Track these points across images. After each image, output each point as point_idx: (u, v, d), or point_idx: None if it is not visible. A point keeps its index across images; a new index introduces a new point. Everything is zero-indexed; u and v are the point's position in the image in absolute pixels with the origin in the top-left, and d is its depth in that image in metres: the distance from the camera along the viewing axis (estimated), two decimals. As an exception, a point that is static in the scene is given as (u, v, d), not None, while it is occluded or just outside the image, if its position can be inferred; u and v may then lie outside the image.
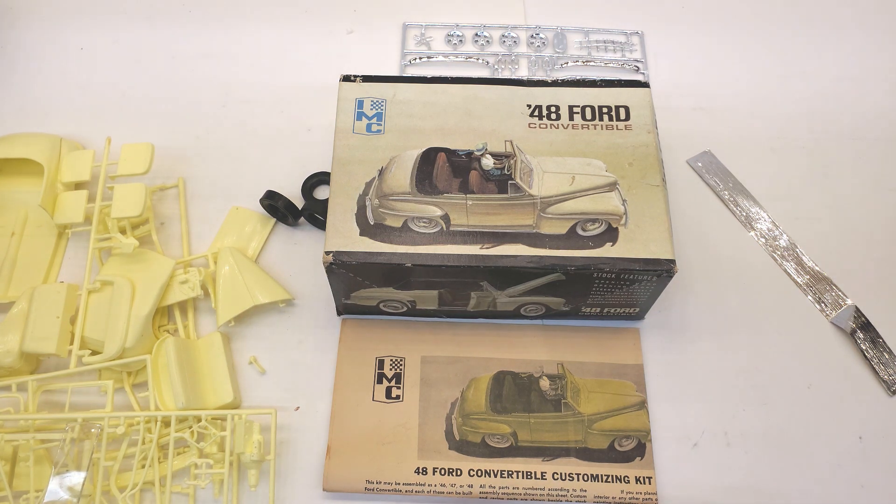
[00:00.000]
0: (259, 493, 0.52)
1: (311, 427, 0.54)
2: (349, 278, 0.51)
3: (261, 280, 0.57)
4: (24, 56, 0.71)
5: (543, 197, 0.52)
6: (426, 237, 0.50)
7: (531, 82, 0.57)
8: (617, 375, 0.55)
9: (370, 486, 0.51)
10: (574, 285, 0.52)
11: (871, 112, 0.68)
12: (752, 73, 0.71)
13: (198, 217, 0.62)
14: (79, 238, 0.61)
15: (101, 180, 0.59)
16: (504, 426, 0.54)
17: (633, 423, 0.54)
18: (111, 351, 0.53)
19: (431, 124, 0.54)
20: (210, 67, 0.70)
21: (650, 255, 0.50)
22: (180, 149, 0.65)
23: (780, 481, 0.53)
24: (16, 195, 0.62)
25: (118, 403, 0.54)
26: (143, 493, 0.51)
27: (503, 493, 0.52)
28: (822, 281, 0.60)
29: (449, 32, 0.73)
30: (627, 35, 0.73)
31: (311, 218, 0.61)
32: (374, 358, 0.56)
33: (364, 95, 0.56)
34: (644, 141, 0.54)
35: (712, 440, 0.54)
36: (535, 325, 0.58)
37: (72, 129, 0.66)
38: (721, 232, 0.62)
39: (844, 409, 0.55)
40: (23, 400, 0.53)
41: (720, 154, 0.66)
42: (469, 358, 0.56)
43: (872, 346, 0.57)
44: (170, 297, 0.56)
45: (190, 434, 0.51)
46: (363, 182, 0.52)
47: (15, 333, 0.53)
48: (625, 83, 0.56)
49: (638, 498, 0.52)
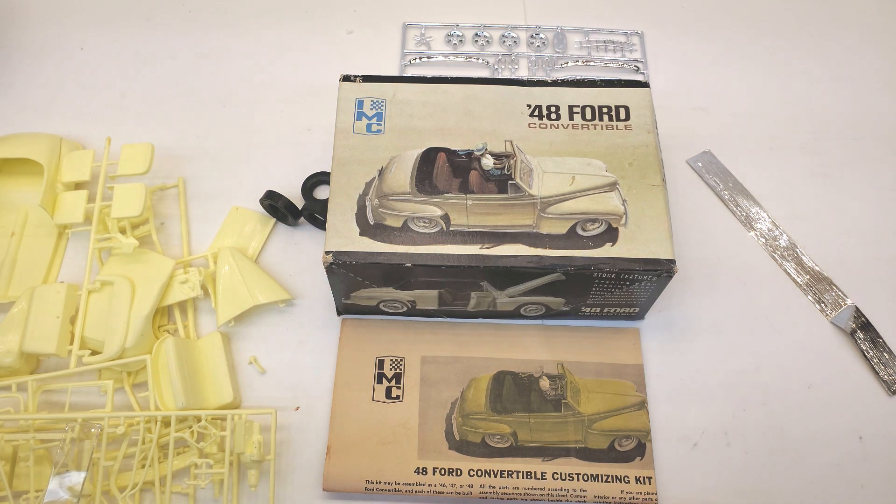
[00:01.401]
0: (259, 493, 0.52)
1: (311, 427, 0.54)
2: (349, 278, 0.51)
3: (261, 280, 0.57)
4: (24, 56, 0.71)
5: (543, 197, 0.52)
6: (426, 237, 0.50)
7: (531, 82, 0.57)
8: (617, 375, 0.55)
9: (370, 486, 0.51)
10: (574, 285, 0.52)
11: (871, 112, 0.68)
12: (752, 73, 0.71)
13: (198, 217, 0.63)
14: (79, 238, 0.61)
15: (101, 180, 0.59)
16: (504, 426, 0.54)
17: (633, 423, 0.54)
18: (111, 351, 0.53)
19: (431, 124, 0.54)
20: (210, 67, 0.70)
21: (650, 255, 0.50)
22: (180, 149, 0.65)
23: (780, 481, 0.53)
24: (16, 195, 0.62)
25: (118, 403, 0.54)
26: (143, 493, 0.51)
27: (503, 493, 0.52)
28: (822, 281, 0.60)
29: (449, 32, 0.73)
30: (627, 35, 0.73)
31: (311, 218, 0.61)
32: (374, 358, 0.56)
33: (364, 95, 0.56)
34: (644, 141, 0.54)
35: (712, 440, 0.54)
36: (535, 325, 0.58)
37: (72, 129, 0.66)
38: (721, 232, 0.62)
39: (844, 409, 0.55)
40: (23, 400, 0.53)
41: (720, 154, 0.66)
42: (469, 358, 0.56)
43: (872, 346, 0.57)
44: (170, 297, 0.56)
45: (190, 434, 0.51)
46: (363, 182, 0.52)
47: (15, 333, 0.53)
48: (625, 83, 0.56)
49: (638, 498, 0.52)
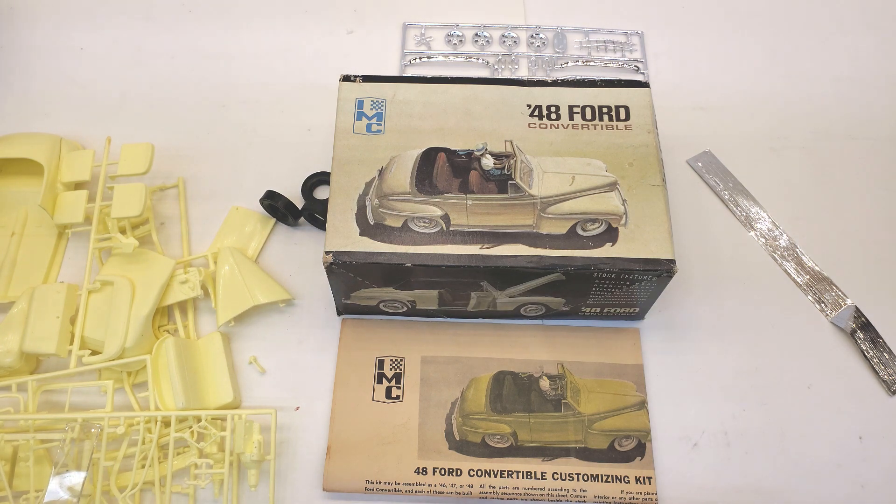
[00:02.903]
0: (259, 493, 0.52)
1: (311, 427, 0.54)
2: (349, 278, 0.51)
3: (261, 280, 0.57)
4: (24, 56, 0.71)
5: (543, 197, 0.52)
6: (426, 237, 0.50)
7: (531, 82, 0.57)
8: (617, 375, 0.55)
9: (370, 486, 0.51)
10: (574, 285, 0.52)
11: (871, 112, 0.68)
12: (752, 73, 0.71)
13: (198, 217, 0.62)
14: (79, 238, 0.61)
15: (101, 180, 0.59)
16: (504, 426, 0.54)
17: (633, 423, 0.54)
18: (111, 351, 0.53)
19: (431, 124, 0.54)
20: (210, 67, 0.70)
21: (650, 255, 0.50)
22: (180, 149, 0.65)
23: (780, 481, 0.53)
24: (16, 195, 0.62)
25: (118, 403, 0.54)
26: (143, 493, 0.52)
27: (503, 493, 0.52)
28: (822, 281, 0.60)
29: (449, 32, 0.73)
30: (627, 35, 0.73)
31: (311, 218, 0.61)
32: (374, 358, 0.56)
33: (364, 95, 0.56)
34: (644, 141, 0.54)
35: (712, 440, 0.54)
36: (535, 325, 0.58)
37: (72, 129, 0.66)
38: (721, 232, 0.62)
39: (844, 409, 0.55)
40: (23, 400, 0.53)
41: (720, 154, 0.66)
42: (469, 358, 0.56)
43: (872, 346, 0.57)
44: (170, 297, 0.56)
45: (190, 434, 0.51)
46: (363, 182, 0.52)
47: (15, 333, 0.53)
48: (625, 83, 0.56)
49: (638, 498, 0.52)
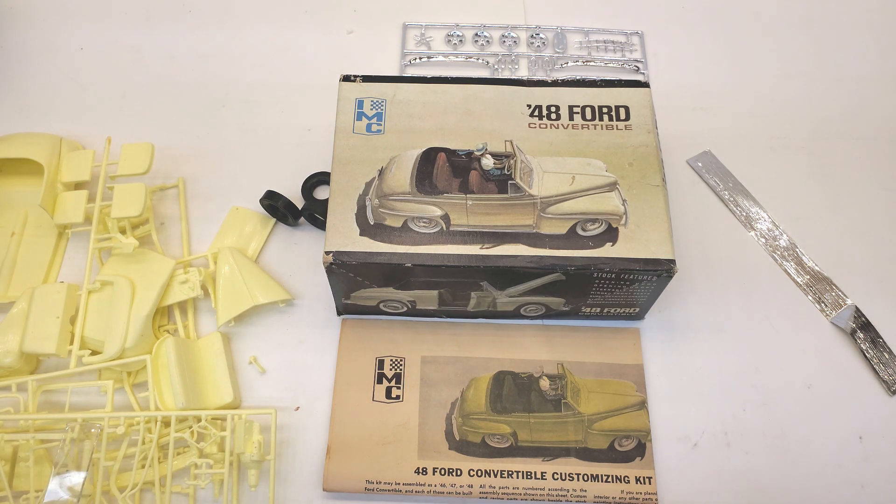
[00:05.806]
0: (259, 493, 0.52)
1: (311, 427, 0.54)
2: (349, 278, 0.51)
3: (261, 280, 0.57)
4: (24, 56, 0.71)
5: (543, 197, 0.52)
6: (426, 237, 0.50)
7: (531, 82, 0.57)
8: (617, 375, 0.55)
9: (370, 486, 0.51)
10: (574, 285, 0.52)
11: (871, 112, 0.68)
12: (752, 73, 0.71)
13: (198, 217, 0.62)
14: (79, 238, 0.61)
15: (101, 180, 0.59)
16: (504, 426, 0.54)
17: (633, 423, 0.54)
18: (111, 351, 0.53)
19: (431, 124, 0.54)
20: (210, 67, 0.70)
21: (650, 255, 0.50)
22: (180, 149, 0.65)
23: (780, 481, 0.53)
24: (16, 195, 0.62)
25: (118, 403, 0.54)
26: (143, 493, 0.52)
27: (503, 493, 0.52)
28: (822, 281, 0.60)
29: (449, 32, 0.73)
30: (627, 35, 0.73)
31: (311, 218, 0.61)
32: (374, 358, 0.56)
33: (364, 95, 0.56)
34: (644, 141, 0.54)
35: (712, 440, 0.54)
36: (535, 325, 0.58)
37: (72, 129, 0.66)
38: (721, 232, 0.62)
39: (844, 409, 0.55)
40: (23, 400, 0.53)
41: (720, 154, 0.66)
42: (469, 358, 0.56)
43: (872, 346, 0.57)
44: (170, 297, 0.56)
45: (190, 434, 0.51)
46: (363, 182, 0.52)
47: (15, 333, 0.53)
48: (625, 83, 0.56)
49: (638, 498, 0.52)
